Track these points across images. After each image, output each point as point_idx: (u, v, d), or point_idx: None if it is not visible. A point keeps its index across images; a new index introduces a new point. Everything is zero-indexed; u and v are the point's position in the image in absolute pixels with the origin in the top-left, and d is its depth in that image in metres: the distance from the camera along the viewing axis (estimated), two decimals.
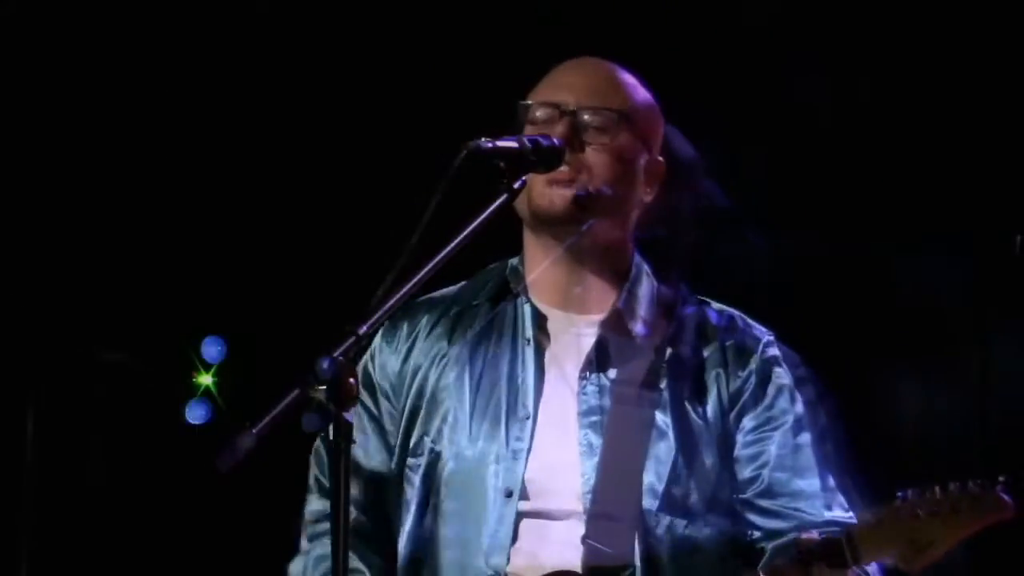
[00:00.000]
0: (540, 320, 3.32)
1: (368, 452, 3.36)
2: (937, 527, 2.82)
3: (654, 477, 3.19)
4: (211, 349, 5.54)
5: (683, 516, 3.19)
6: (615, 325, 3.30)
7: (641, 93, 3.38)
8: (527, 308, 3.33)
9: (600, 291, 3.33)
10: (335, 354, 2.71)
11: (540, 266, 3.32)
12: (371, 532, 3.34)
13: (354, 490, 3.27)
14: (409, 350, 3.39)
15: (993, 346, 4.51)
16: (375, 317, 2.82)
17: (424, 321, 3.40)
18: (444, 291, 3.42)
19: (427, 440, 3.31)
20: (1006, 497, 2.81)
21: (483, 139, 3.12)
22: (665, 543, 3.16)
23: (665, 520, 3.18)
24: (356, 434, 3.17)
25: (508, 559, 3.18)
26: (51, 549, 5.34)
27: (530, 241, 3.35)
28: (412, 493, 3.30)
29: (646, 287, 3.35)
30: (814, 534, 2.99)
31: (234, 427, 2.71)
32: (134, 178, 5.37)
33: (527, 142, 3.15)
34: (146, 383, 5.43)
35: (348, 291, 3.31)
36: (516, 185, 3.10)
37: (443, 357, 3.35)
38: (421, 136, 4.82)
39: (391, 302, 2.86)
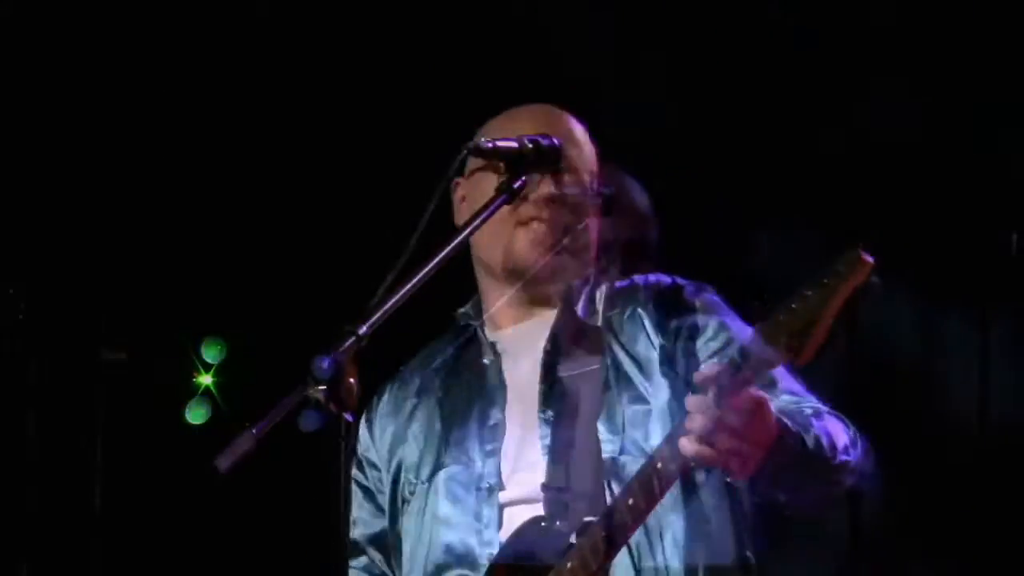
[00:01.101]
0: (494, 344, 3.44)
1: (370, 522, 3.51)
2: (811, 307, 2.84)
3: (607, 429, 3.26)
4: (211, 349, 5.54)
5: (644, 456, 3.19)
6: (564, 318, 3.40)
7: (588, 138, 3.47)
8: (484, 335, 3.45)
9: (553, 303, 3.43)
10: (334, 354, 2.71)
11: (498, 304, 3.44)
12: None
13: (373, 555, 3.50)
14: (385, 419, 3.54)
15: (992, 344, 4.51)
16: (375, 317, 2.83)
17: (395, 389, 3.56)
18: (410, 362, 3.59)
19: (418, 479, 3.44)
20: (866, 255, 2.81)
21: (483, 139, 3.13)
22: None
23: (631, 463, 3.21)
24: (356, 510, 3.49)
25: (498, 545, 3.26)
26: (51, 549, 5.34)
27: (489, 284, 3.44)
28: (410, 521, 3.42)
29: (591, 284, 3.45)
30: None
31: (234, 427, 2.72)
32: (135, 179, 5.37)
33: (527, 142, 3.16)
34: (146, 383, 5.43)
35: (348, 291, 3.31)
36: (516, 185, 3.12)
37: (415, 408, 3.50)
38: (421, 136, 4.83)
39: (391, 302, 2.87)
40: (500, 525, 3.28)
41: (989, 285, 4.49)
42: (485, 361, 3.42)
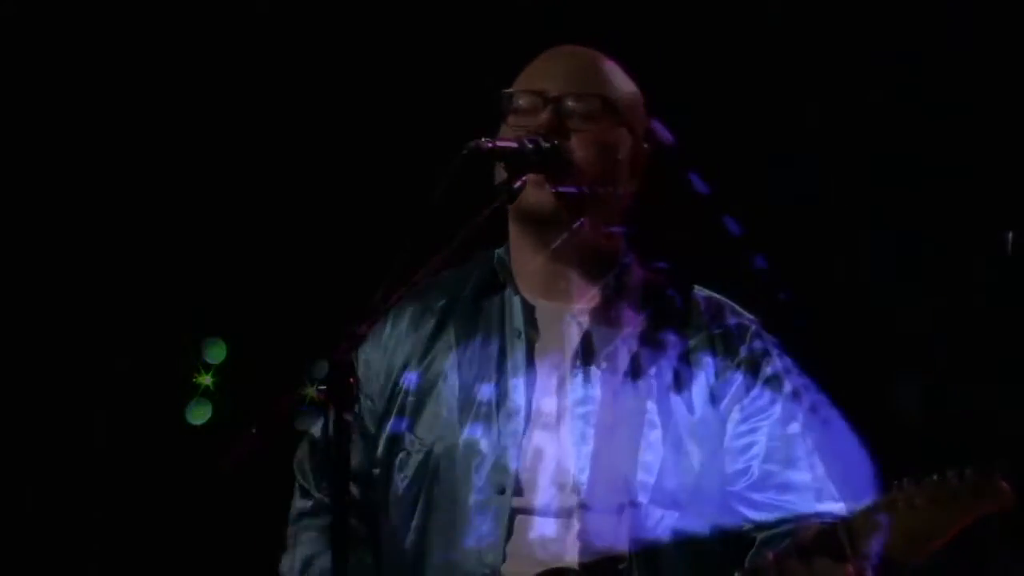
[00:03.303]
0: (528, 312, 3.27)
1: (350, 452, 3.21)
2: (935, 517, 2.76)
3: (645, 469, 3.16)
4: (211, 349, 5.55)
5: (674, 508, 3.14)
6: (603, 314, 3.25)
7: (624, 80, 3.32)
8: (516, 300, 3.28)
9: (587, 281, 3.27)
10: (335, 354, 2.71)
11: (527, 259, 3.27)
12: (360, 531, 3.30)
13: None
14: (395, 346, 3.33)
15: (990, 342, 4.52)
16: (374, 317, 2.83)
17: (409, 315, 3.34)
18: (429, 282, 3.28)
19: (415, 436, 3.25)
20: (1005, 484, 2.75)
21: (483, 139, 3.12)
22: (657, 536, 3.13)
23: (657, 513, 3.14)
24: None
25: (504, 557, 3.14)
26: (51, 549, 5.35)
27: (517, 234, 3.29)
28: (401, 489, 3.24)
29: (634, 276, 3.31)
30: (812, 526, 2.95)
31: (234, 427, 2.72)
32: (136, 179, 5.37)
33: (527, 142, 3.14)
34: (146, 383, 5.43)
35: (347, 291, 3.31)
36: (516, 185, 3.10)
37: (430, 352, 3.30)
38: (421, 136, 4.83)
39: (390, 302, 2.86)
40: (509, 536, 3.14)
41: (986, 284, 4.50)
42: (518, 327, 3.24)
